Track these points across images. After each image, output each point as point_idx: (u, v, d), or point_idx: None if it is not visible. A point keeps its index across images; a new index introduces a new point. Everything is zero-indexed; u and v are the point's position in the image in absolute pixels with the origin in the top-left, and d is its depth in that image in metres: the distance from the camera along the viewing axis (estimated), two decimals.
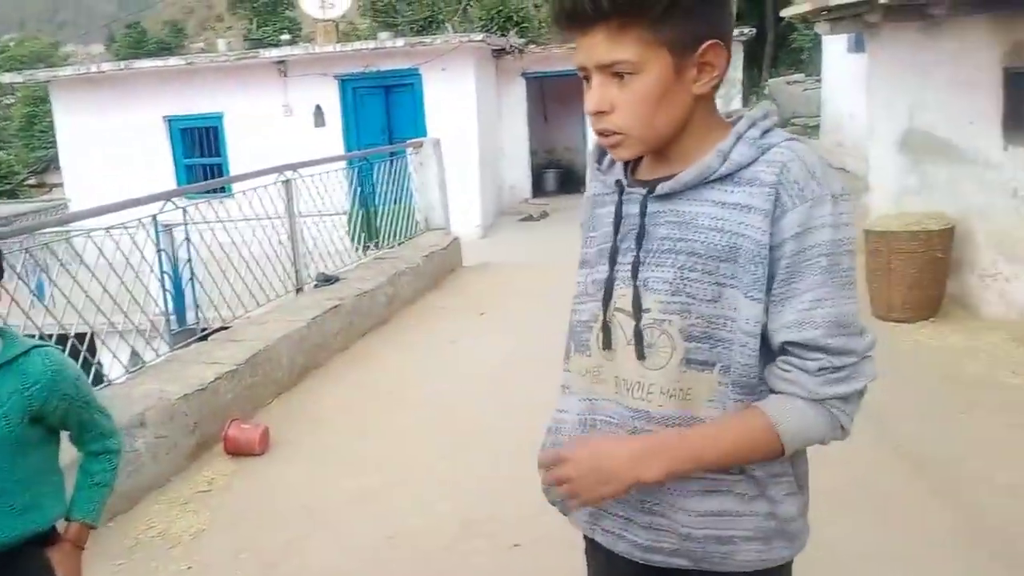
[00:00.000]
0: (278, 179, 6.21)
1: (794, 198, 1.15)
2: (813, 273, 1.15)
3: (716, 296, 1.19)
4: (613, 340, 1.28)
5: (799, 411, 1.18)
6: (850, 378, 1.18)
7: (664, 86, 1.18)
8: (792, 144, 1.20)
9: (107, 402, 3.80)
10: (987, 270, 5.44)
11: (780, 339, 1.18)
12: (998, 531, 3.07)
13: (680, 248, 1.21)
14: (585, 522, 1.38)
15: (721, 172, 1.19)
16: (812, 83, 16.25)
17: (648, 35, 1.15)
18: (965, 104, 5.71)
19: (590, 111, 1.22)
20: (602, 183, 1.36)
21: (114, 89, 13.14)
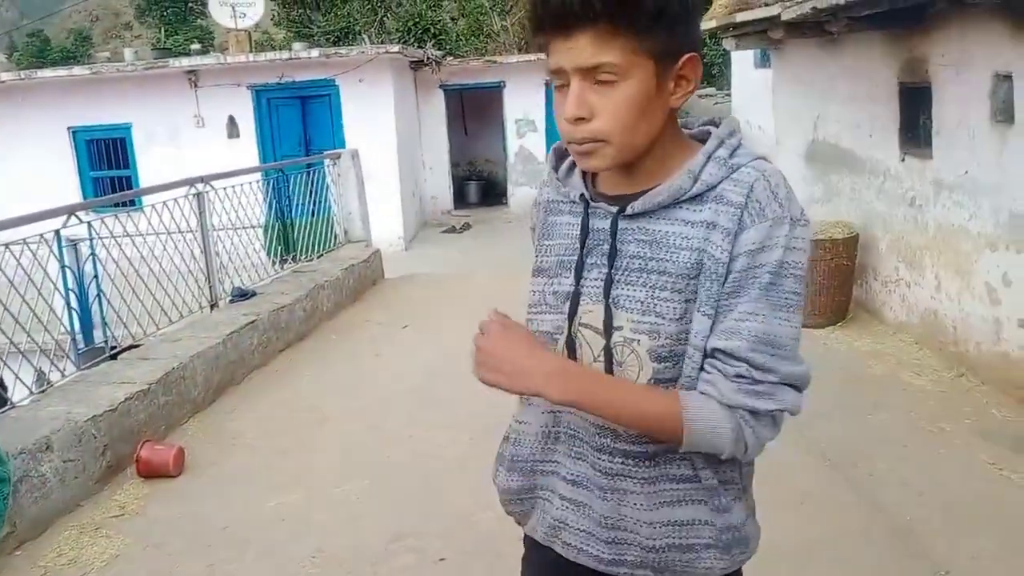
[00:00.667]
0: (190, 191, 6.05)
1: (754, 216, 1.16)
2: (753, 288, 1.15)
3: (682, 314, 1.19)
4: (578, 356, 1.26)
5: (711, 412, 1.17)
6: (766, 396, 1.17)
7: (646, 96, 1.16)
8: (759, 164, 1.21)
9: (12, 425, 3.68)
10: (890, 276, 5.69)
11: (710, 345, 1.18)
12: (907, 526, 3.21)
13: (651, 267, 1.20)
14: (544, 534, 1.37)
15: (691, 193, 1.20)
16: (723, 96, 16.75)
17: (634, 43, 1.13)
18: (865, 117, 5.98)
19: (568, 116, 1.17)
20: (557, 191, 1.35)
21: (16, 99, 12.58)
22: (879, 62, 5.67)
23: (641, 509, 1.26)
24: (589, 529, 1.30)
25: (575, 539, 1.31)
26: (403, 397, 4.86)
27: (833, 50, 6.40)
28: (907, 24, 5.09)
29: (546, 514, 1.35)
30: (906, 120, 5.43)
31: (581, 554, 1.31)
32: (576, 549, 1.32)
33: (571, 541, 1.32)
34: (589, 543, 1.30)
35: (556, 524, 1.33)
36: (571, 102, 1.16)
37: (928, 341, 5.17)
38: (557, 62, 1.17)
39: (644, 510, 1.26)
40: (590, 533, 1.30)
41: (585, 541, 1.30)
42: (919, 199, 5.24)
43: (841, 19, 5.26)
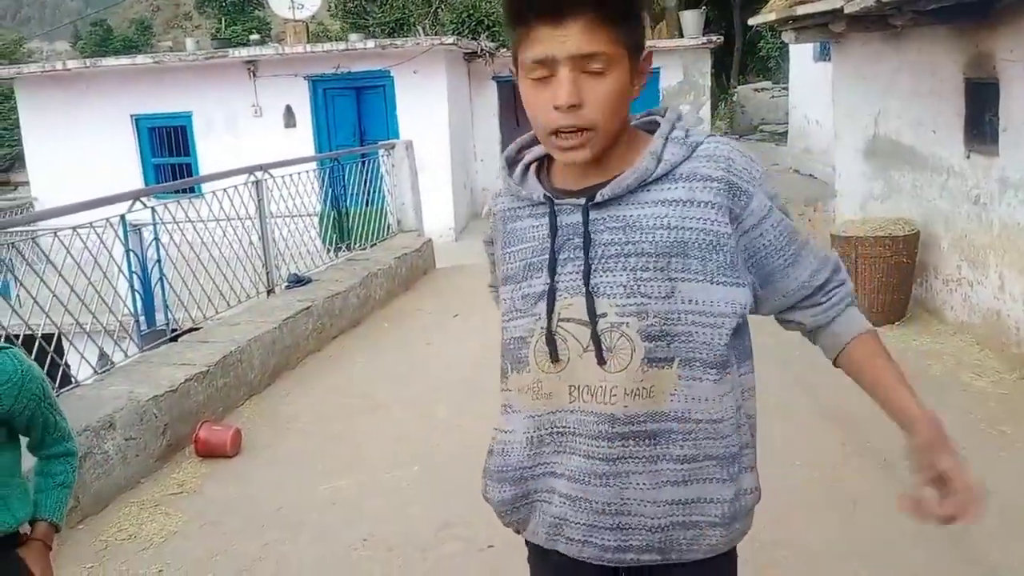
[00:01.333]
0: (249, 179, 6.17)
1: (751, 183, 1.26)
2: (795, 230, 1.33)
3: (670, 292, 1.23)
4: (560, 351, 1.28)
5: (855, 313, 1.39)
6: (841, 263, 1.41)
7: (625, 86, 1.22)
8: (718, 138, 1.30)
9: (76, 403, 3.80)
10: (951, 275, 5.56)
11: (817, 282, 1.35)
12: (962, 530, 3.13)
13: (629, 251, 1.24)
14: (546, 535, 1.37)
15: (657, 173, 1.25)
16: (779, 91, 16.46)
17: (616, 34, 1.19)
18: (928, 112, 5.83)
19: (563, 103, 1.18)
20: (515, 197, 1.37)
21: (80, 87, 12.93)
22: (944, 57, 5.53)
23: (645, 488, 1.27)
24: (591, 521, 1.30)
25: (578, 533, 1.32)
26: (453, 386, 4.90)
27: (896, 44, 6.26)
28: (974, 18, 4.95)
29: (546, 515, 1.36)
30: (971, 116, 5.28)
31: (586, 547, 1.32)
32: (580, 543, 1.32)
33: (574, 536, 1.33)
34: (592, 534, 1.31)
35: (557, 522, 1.34)
36: (566, 89, 1.18)
37: (990, 342, 5.04)
38: (545, 51, 1.18)
39: (648, 489, 1.27)
40: (592, 525, 1.30)
41: (588, 533, 1.31)
42: (984, 197, 5.10)
43: (906, 13, 5.14)
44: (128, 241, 5.13)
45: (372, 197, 8.27)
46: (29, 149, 13.70)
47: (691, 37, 14.95)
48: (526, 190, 1.34)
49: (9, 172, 23.08)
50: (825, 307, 1.36)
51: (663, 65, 14.82)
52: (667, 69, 14.86)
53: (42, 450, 1.84)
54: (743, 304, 1.28)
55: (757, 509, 1.41)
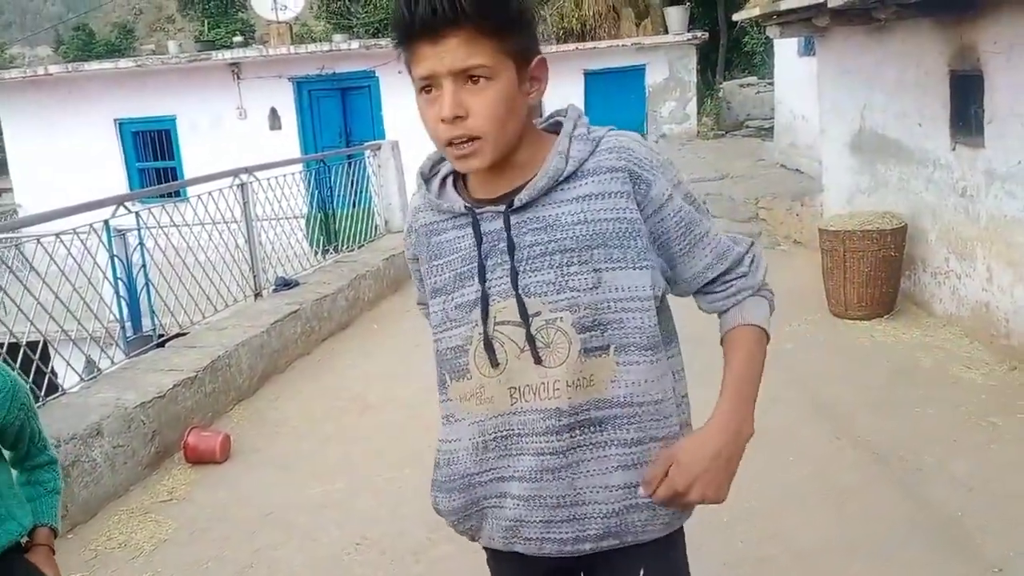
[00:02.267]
0: (234, 182, 6.13)
1: (650, 171, 1.30)
2: (700, 218, 1.36)
3: (596, 283, 1.28)
4: (498, 355, 1.31)
5: (758, 304, 1.41)
6: (760, 258, 1.43)
7: (512, 94, 1.25)
8: (617, 132, 1.34)
9: (63, 411, 3.77)
10: (939, 268, 5.58)
11: (711, 275, 1.39)
12: (955, 522, 3.14)
13: (553, 248, 1.28)
14: (502, 539, 1.39)
15: (567, 171, 1.29)
16: (765, 86, 16.49)
17: (497, 44, 1.21)
18: (914, 105, 5.85)
19: (447, 116, 1.22)
20: (435, 211, 1.39)
21: (63, 92, 12.85)
22: (928, 49, 5.54)
23: (596, 475, 1.31)
24: (547, 517, 1.33)
25: (534, 532, 1.35)
26: None
27: (880, 37, 6.27)
28: (957, 10, 4.97)
29: (499, 520, 1.37)
30: (956, 109, 5.29)
31: (544, 544, 1.35)
32: (538, 541, 1.35)
33: (531, 535, 1.35)
34: (550, 530, 1.34)
35: (513, 525, 1.36)
36: (448, 102, 1.21)
37: (979, 334, 5.06)
38: (428, 68, 1.22)
39: (599, 474, 1.31)
40: (548, 521, 1.33)
41: (545, 530, 1.34)
42: (970, 189, 5.11)
43: (889, 6, 5.14)
44: (112, 246, 5.08)
45: (359, 198, 8.24)
46: (11, 155, 13.60)
47: (676, 33, 14.98)
48: (446, 203, 1.37)
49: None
50: (719, 296, 1.40)
51: (648, 62, 14.84)
52: (652, 66, 14.88)
53: (27, 461, 1.86)
54: (655, 284, 1.32)
55: (749, 504, 1.43)
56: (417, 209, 1.43)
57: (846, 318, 5.71)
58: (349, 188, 8.12)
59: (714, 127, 16.60)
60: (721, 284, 1.39)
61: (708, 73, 19.38)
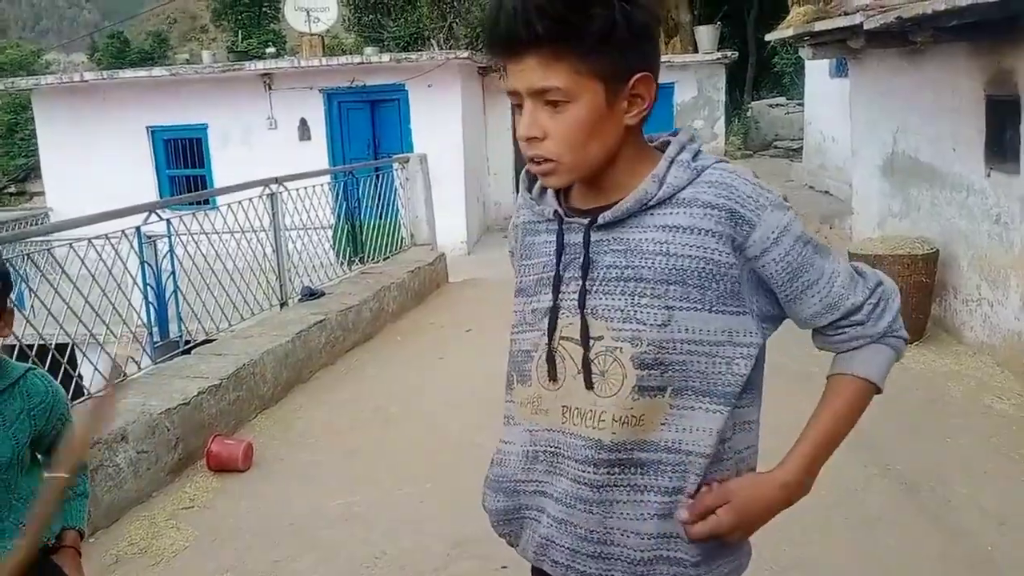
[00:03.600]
0: (264, 192, 6.17)
1: (755, 211, 1.21)
2: (810, 263, 1.25)
3: (666, 320, 1.21)
4: (558, 370, 1.28)
5: (871, 354, 1.30)
6: (888, 303, 1.31)
7: (596, 115, 1.19)
8: (725, 165, 1.26)
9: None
10: (971, 295, 5.49)
11: (819, 323, 1.30)
12: (986, 557, 3.08)
13: (628, 275, 1.23)
14: (534, 554, 1.37)
15: (659, 196, 1.23)
16: (794, 106, 16.43)
17: (580, 65, 1.16)
18: (948, 130, 5.78)
19: (522, 137, 1.22)
20: (532, 211, 1.37)
21: (97, 98, 13.02)
22: (964, 74, 5.48)
23: (629, 519, 1.26)
24: (574, 546, 1.29)
25: (562, 557, 1.31)
26: (466, 401, 4.86)
27: (915, 60, 6.22)
28: (995, 35, 4.91)
29: (535, 533, 1.35)
30: (992, 134, 5.23)
31: (569, 571, 1.31)
32: (564, 567, 1.32)
33: (558, 559, 1.32)
34: (576, 560, 1.30)
35: (544, 543, 1.33)
36: (524, 123, 1.21)
37: (1011, 364, 4.97)
38: (511, 84, 1.22)
39: (632, 520, 1.26)
40: (575, 550, 1.29)
41: (572, 558, 1.30)
42: (1005, 216, 5.04)
43: (926, 29, 5.10)
44: (143, 253, 5.13)
45: (386, 210, 8.27)
46: (45, 160, 13.80)
47: (705, 52, 14.96)
48: (541, 205, 1.35)
49: (25, 182, 23.24)
50: (831, 340, 1.33)
51: (677, 80, 14.82)
52: (681, 84, 14.86)
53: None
54: (740, 331, 1.25)
55: (775, 531, 1.39)
56: (520, 206, 1.41)
57: None
58: (376, 200, 8.16)
59: (742, 147, 16.54)
60: (833, 329, 1.31)
61: (737, 92, 19.33)
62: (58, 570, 1.79)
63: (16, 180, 24.13)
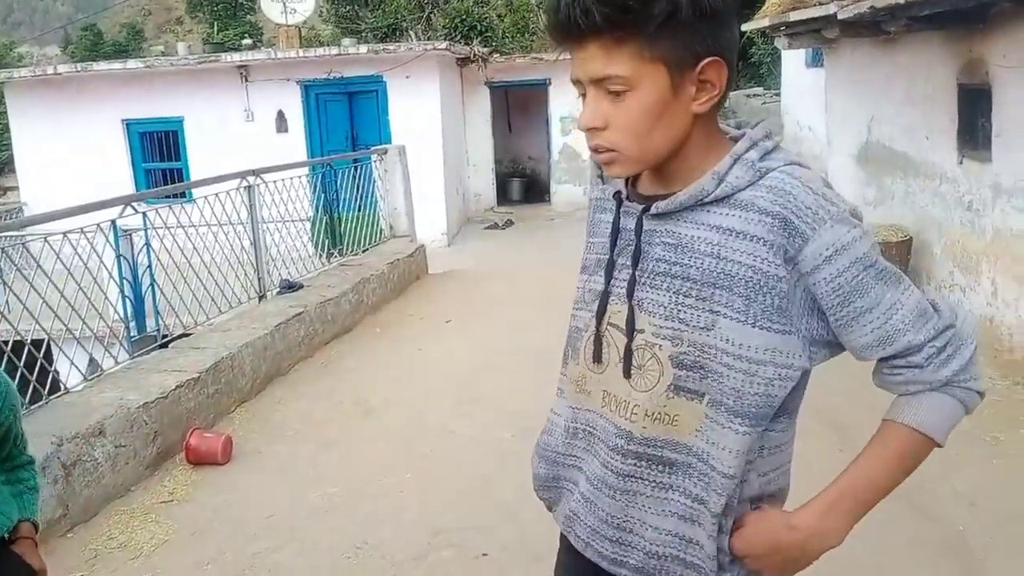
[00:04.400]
0: (241, 184, 6.14)
1: (812, 224, 1.12)
2: (867, 289, 1.15)
3: (710, 324, 1.17)
4: (603, 354, 1.28)
5: (929, 403, 1.19)
6: (958, 349, 1.18)
7: (661, 103, 1.15)
8: (792, 169, 1.17)
9: (66, 410, 3.77)
10: (944, 281, 5.57)
11: (871, 356, 1.21)
12: (958, 537, 3.13)
13: (676, 272, 1.19)
14: (563, 523, 1.41)
15: (716, 195, 1.17)
16: (771, 96, 16.50)
17: (644, 51, 1.11)
18: (921, 118, 5.85)
19: (583, 127, 1.19)
20: (602, 189, 1.36)
21: (71, 91, 12.88)
22: (937, 63, 5.55)
23: (650, 512, 1.26)
24: (595, 526, 1.32)
25: (583, 532, 1.34)
26: (446, 392, 4.88)
27: (889, 50, 6.28)
28: (967, 24, 4.97)
29: (567, 503, 1.39)
30: (964, 122, 5.30)
31: (588, 548, 1.34)
32: (584, 543, 1.35)
33: (580, 534, 1.35)
34: (594, 539, 1.32)
35: (571, 515, 1.37)
36: (585, 112, 1.18)
37: (983, 349, 5.01)
38: (574, 74, 1.18)
39: (653, 514, 1.26)
40: (596, 530, 1.32)
41: (591, 536, 1.33)
42: (976, 203, 5.11)
43: (899, 19, 5.16)
44: (119, 246, 5.09)
45: (364, 202, 8.24)
46: (19, 154, 13.64)
47: None
48: (609, 184, 1.33)
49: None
50: (887, 380, 1.24)
51: None
52: None
53: (8, 462, 1.88)
54: (784, 352, 1.18)
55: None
56: (593, 183, 1.39)
57: None
58: (355, 192, 8.13)
59: None
60: (889, 367, 1.21)
61: None
62: (17, 558, 1.79)
63: None
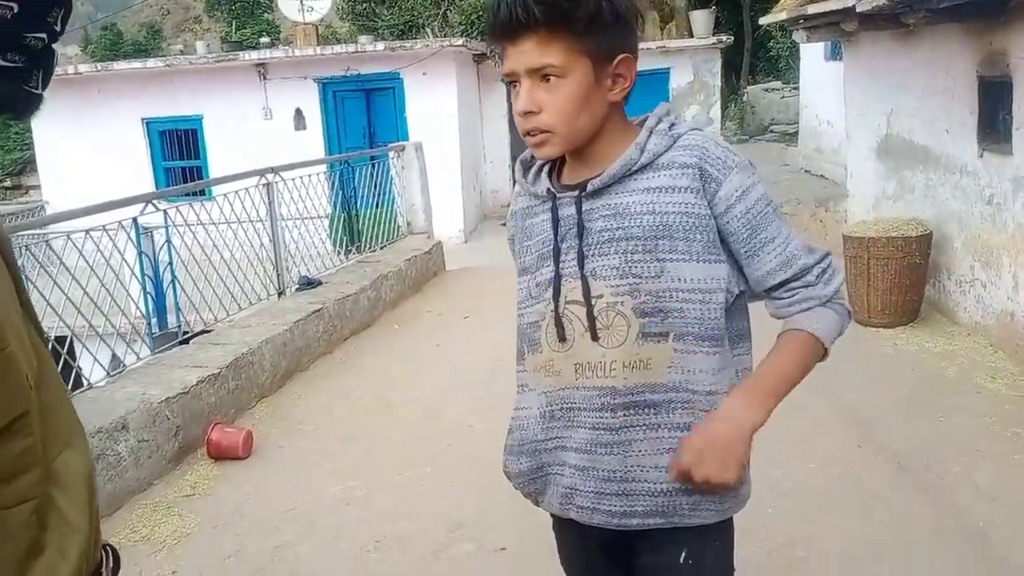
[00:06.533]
0: (260, 182, 6.18)
1: (723, 171, 1.35)
2: (769, 222, 1.38)
3: (659, 272, 1.34)
4: (567, 332, 1.40)
5: (821, 315, 1.40)
6: (836, 271, 1.43)
7: (585, 90, 1.34)
8: (697, 131, 1.40)
9: (89, 406, 3.82)
10: (964, 276, 5.52)
11: (773, 281, 1.40)
12: (979, 532, 3.12)
13: (619, 235, 1.36)
14: (559, 505, 1.47)
15: (641, 162, 1.37)
16: (790, 91, 16.38)
17: (572, 44, 1.31)
18: (941, 111, 5.80)
19: (520, 111, 1.35)
20: (530, 196, 1.50)
21: (92, 91, 12.99)
22: (957, 55, 5.49)
23: (647, 455, 1.37)
24: (598, 488, 1.41)
25: (587, 501, 1.42)
26: (464, 388, 4.90)
27: (908, 42, 6.22)
28: (987, 16, 4.92)
29: (558, 486, 1.46)
30: (985, 115, 5.24)
31: (595, 514, 1.42)
32: (589, 510, 1.43)
33: (584, 504, 1.43)
34: (600, 501, 1.41)
35: (568, 492, 1.44)
36: (522, 99, 1.34)
37: (1004, 344, 5.00)
38: (510, 66, 1.35)
39: (650, 455, 1.37)
40: (600, 492, 1.41)
41: (596, 500, 1.41)
42: (997, 197, 5.06)
43: (918, 11, 5.11)
44: (140, 244, 5.15)
45: (382, 199, 8.27)
46: (40, 153, 13.78)
47: (700, 37, 14.92)
48: (536, 187, 1.48)
49: (20, 176, 23.18)
50: (783, 303, 1.42)
51: (673, 65, 14.80)
52: (677, 69, 14.84)
53: None
54: (723, 278, 1.36)
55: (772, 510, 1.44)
56: (517, 194, 1.55)
57: (869, 325, 5.67)
58: (372, 189, 8.16)
59: (738, 131, 16.51)
60: (786, 291, 1.41)
61: (732, 77, 19.29)
62: None
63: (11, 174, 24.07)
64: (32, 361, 0.84)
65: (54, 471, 0.85)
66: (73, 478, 0.88)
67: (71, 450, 0.89)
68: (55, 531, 0.84)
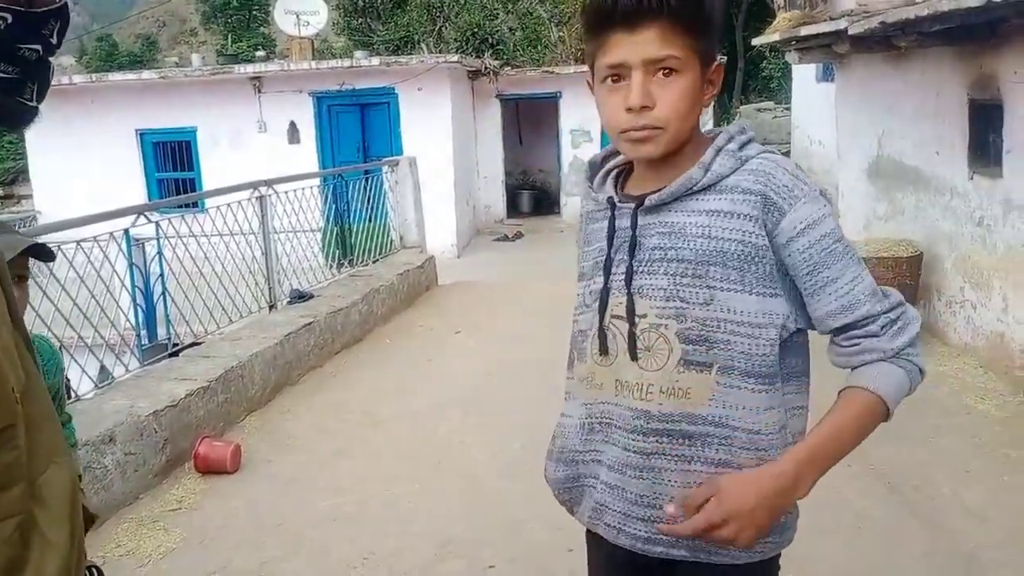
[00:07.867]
0: (252, 195, 6.18)
1: (788, 200, 1.26)
2: (835, 260, 1.27)
3: (708, 300, 1.26)
4: (610, 346, 1.35)
5: (886, 372, 1.28)
6: (908, 324, 1.29)
7: (696, 90, 1.28)
8: (769, 155, 1.31)
9: (76, 417, 3.75)
10: (955, 297, 5.55)
11: (834, 324, 1.29)
12: (969, 554, 3.11)
13: (671, 256, 1.29)
14: (589, 518, 1.44)
15: (703, 183, 1.29)
16: (782, 111, 16.51)
17: (689, 40, 1.24)
18: (932, 133, 5.84)
19: (634, 104, 1.25)
20: (594, 201, 1.44)
21: (86, 101, 12.98)
22: (948, 78, 5.55)
23: (676, 486, 1.30)
24: (625, 510, 1.36)
25: (615, 520, 1.38)
26: (454, 403, 4.88)
27: (900, 65, 6.28)
28: (978, 39, 4.97)
29: (590, 499, 1.42)
30: (975, 138, 5.29)
31: (620, 534, 1.37)
32: (616, 530, 1.38)
33: (611, 522, 1.38)
34: (627, 523, 1.36)
35: (598, 507, 1.40)
36: (636, 91, 1.25)
37: (994, 365, 5.02)
38: (621, 57, 1.25)
39: (680, 487, 1.30)
40: (627, 513, 1.36)
41: (623, 521, 1.36)
42: (988, 219, 5.10)
43: (910, 34, 5.16)
44: (131, 255, 5.13)
45: (375, 213, 8.27)
46: (33, 163, 13.75)
47: None
48: (599, 194, 1.42)
49: (13, 185, 23.09)
50: (843, 351, 1.32)
51: None
52: None
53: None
54: (779, 314, 1.28)
55: None
56: (584, 196, 1.48)
57: None
58: (366, 203, 8.16)
59: None
60: (846, 339, 1.30)
61: (725, 97, 19.41)
62: None
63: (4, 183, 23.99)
64: (19, 374, 0.83)
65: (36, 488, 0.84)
66: (55, 495, 0.86)
67: (54, 467, 0.88)
68: (36, 549, 0.82)
